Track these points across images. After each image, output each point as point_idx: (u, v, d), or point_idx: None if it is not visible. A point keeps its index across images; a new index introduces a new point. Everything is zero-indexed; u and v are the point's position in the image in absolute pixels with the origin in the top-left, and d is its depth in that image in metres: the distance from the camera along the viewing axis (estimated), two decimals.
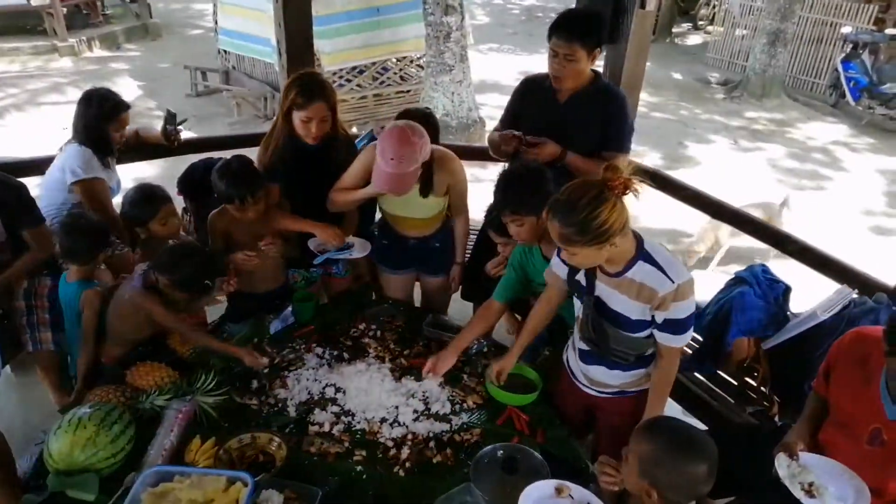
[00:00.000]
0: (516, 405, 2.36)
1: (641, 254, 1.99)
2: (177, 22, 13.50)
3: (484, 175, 5.74)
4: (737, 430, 2.82)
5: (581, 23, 2.71)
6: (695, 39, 13.96)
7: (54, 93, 8.97)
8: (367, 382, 2.44)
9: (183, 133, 3.62)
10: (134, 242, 3.12)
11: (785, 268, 3.37)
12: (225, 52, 9.04)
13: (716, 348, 2.97)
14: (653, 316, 2.03)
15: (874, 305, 2.69)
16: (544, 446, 2.18)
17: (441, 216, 3.00)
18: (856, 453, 1.97)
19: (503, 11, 15.99)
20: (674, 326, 2.02)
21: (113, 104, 3.14)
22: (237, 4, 8.35)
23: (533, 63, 10.67)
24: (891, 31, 10.25)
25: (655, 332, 2.07)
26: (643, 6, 3.27)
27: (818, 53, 10.42)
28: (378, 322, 2.83)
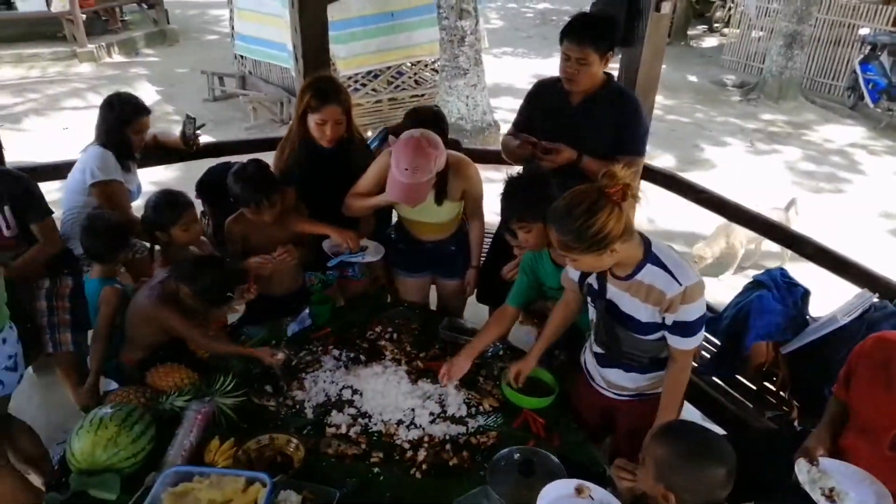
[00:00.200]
0: (532, 408, 2.36)
1: (650, 256, 2.00)
2: (194, 28, 13.67)
3: (499, 178, 5.64)
4: (756, 435, 2.79)
5: (593, 26, 2.71)
6: (710, 42, 13.89)
7: (74, 98, 9.09)
8: (384, 385, 2.45)
9: (200, 137, 3.66)
10: (153, 247, 3.15)
11: (803, 271, 3.35)
12: (241, 58, 9.13)
13: (734, 352, 2.95)
14: (663, 318, 2.03)
15: (895, 310, 2.66)
16: (560, 450, 2.18)
17: (457, 220, 3.01)
18: (877, 459, 1.94)
19: (517, 15, 16.02)
20: (683, 329, 2.02)
21: (133, 107, 3.18)
22: (254, 10, 8.43)
23: (547, 67, 10.66)
24: None
25: (666, 335, 2.07)
26: (658, 9, 3.27)
27: (836, 55, 10.30)
28: (394, 325, 2.84)
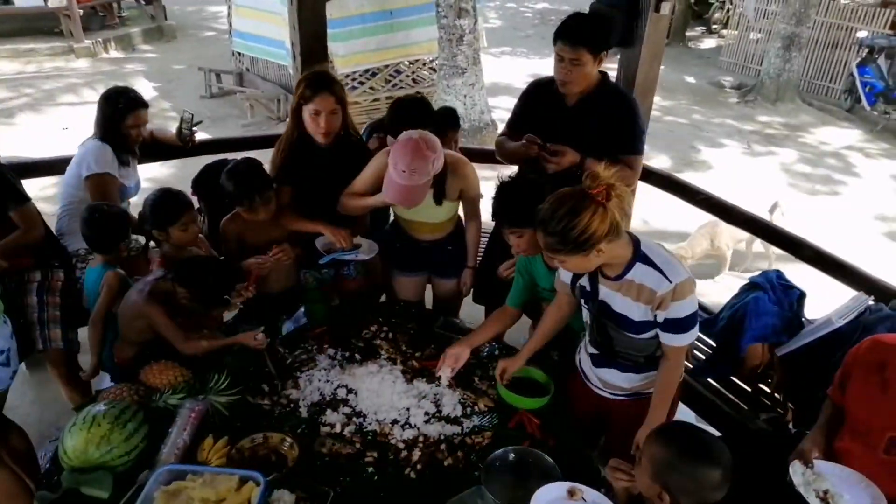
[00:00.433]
0: (528, 408, 2.35)
1: (639, 255, 2.01)
2: (191, 24, 13.62)
3: (496, 177, 5.72)
4: (751, 437, 2.80)
5: (587, 27, 2.68)
6: (709, 43, 13.90)
7: (70, 93, 9.06)
8: (379, 384, 2.44)
9: (197, 135, 3.65)
10: (147, 243, 3.14)
11: (799, 273, 3.35)
12: (239, 55, 9.12)
13: (729, 354, 2.95)
14: (655, 316, 2.04)
15: (890, 312, 2.66)
16: (555, 450, 2.16)
17: (454, 220, 3.00)
18: (872, 462, 1.95)
19: (516, 15, 16.01)
20: (675, 326, 2.03)
21: (131, 100, 3.19)
22: (252, 7, 8.42)
23: (545, 66, 10.65)
24: None
25: (659, 332, 2.08)
26: (658, 10, 3.27)
27: (833, 58, 10.32)
28: (390, 324, 2.83)
